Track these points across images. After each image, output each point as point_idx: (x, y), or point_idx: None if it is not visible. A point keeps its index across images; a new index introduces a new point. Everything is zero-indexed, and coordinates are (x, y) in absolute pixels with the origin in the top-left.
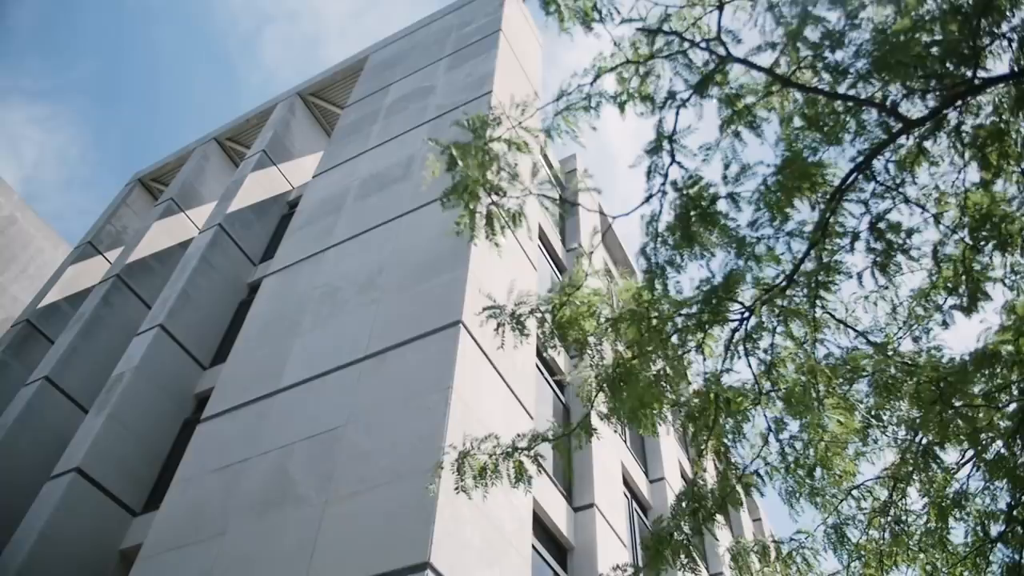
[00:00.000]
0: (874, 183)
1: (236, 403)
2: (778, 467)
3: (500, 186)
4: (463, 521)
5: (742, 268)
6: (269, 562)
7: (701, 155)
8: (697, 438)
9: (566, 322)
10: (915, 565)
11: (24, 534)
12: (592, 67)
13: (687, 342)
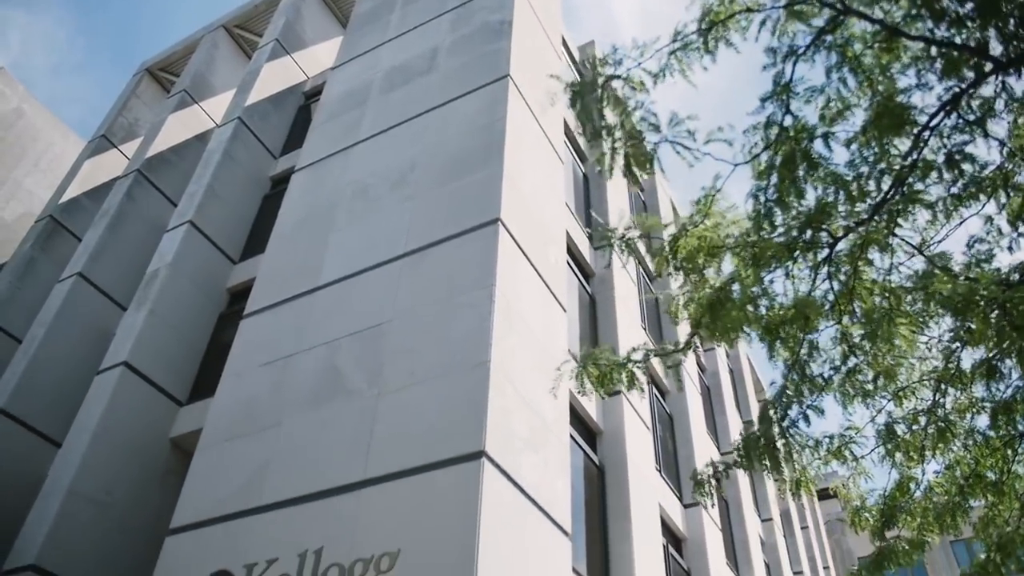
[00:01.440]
0: (956, 119)
1: (278, 299)
2: (843, 376)
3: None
4: (510, 412)
5: (833, 201)
6: (327, 451)
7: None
8: (774, 350)
9: (684, 256)
10: (949, 456)
11: (81, 426)
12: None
13: (779, 268)
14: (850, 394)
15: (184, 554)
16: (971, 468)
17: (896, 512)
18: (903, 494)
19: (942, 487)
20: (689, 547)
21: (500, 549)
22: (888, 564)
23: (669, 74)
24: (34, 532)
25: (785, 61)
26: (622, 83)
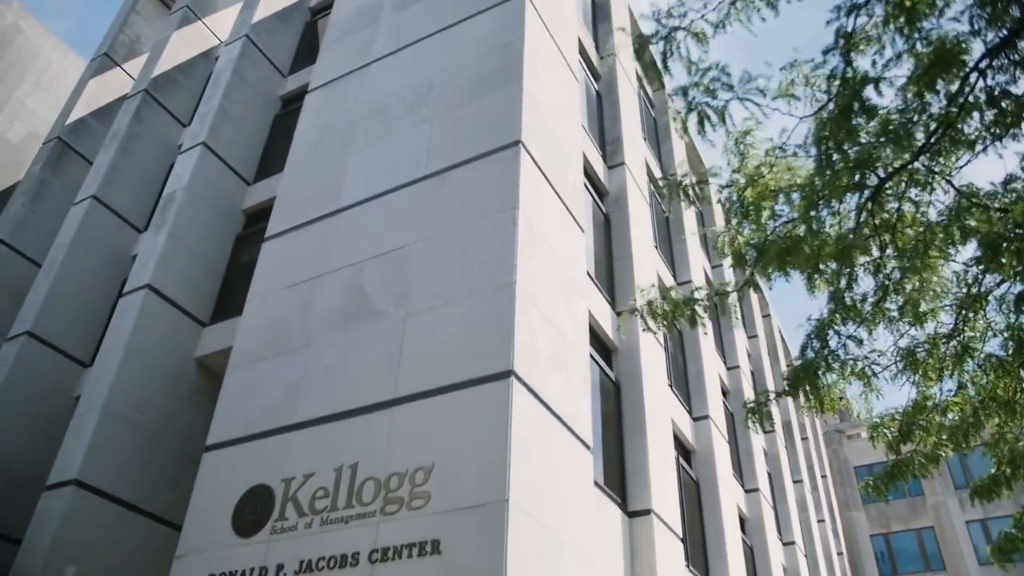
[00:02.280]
0: (1004, 59)
1: (299, 222)
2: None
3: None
4: (535, 332)
5: (882, 144)
6: (357, 371)
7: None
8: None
9: (749, 202)
10: (964, 377)
11: (110, 347)
12: None
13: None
14: (876, 321)
15: (222, 469)
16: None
17: (914, 428)
18: (920, 412)
19: (957, 406)
20: (698, 458)
21: (529, 463)
22: (903, 475)
23: (729, 24)
24: (74, 449)
25: (848, 15)
26: (685, 34)
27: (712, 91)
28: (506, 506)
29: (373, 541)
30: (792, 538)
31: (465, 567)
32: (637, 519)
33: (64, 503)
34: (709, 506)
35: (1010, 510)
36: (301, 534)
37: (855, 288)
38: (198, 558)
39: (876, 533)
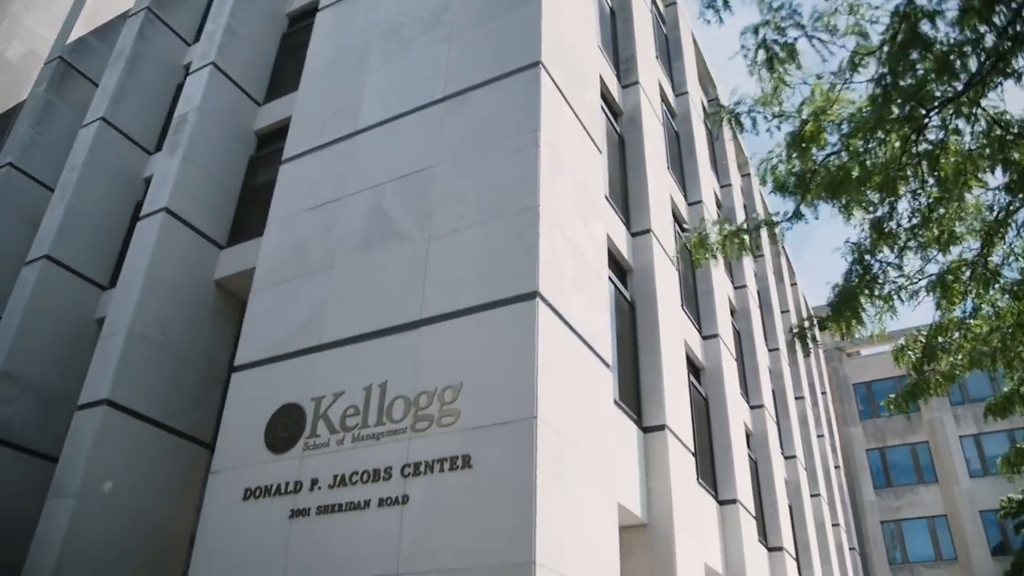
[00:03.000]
0: None
1: (317, 144)
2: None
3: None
4: (558, 254)
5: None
6: (383, 292)
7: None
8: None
9: (809, 135)
10: (987, 301)
11: (132, 270)
12: None
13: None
14: (910, 247)
15: (251, 389)
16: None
17: (936, 350)
18: (942, 334)
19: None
20: (707, 375)
21: (554, 381)
22: (923, 394)
23: None
24: (102, 370)
25: None
26: None
27: (782, 29)
28: (535, 422)
29: (405, 456)
30: (793, 452)
31: (496, 480)
32: (652, 434)
33: (96, 422)
34: (717, 422)
35: (1002, 426)
36: (333, 450)
37: (894, 216)
38: (233, 473)
39: (872, 447)
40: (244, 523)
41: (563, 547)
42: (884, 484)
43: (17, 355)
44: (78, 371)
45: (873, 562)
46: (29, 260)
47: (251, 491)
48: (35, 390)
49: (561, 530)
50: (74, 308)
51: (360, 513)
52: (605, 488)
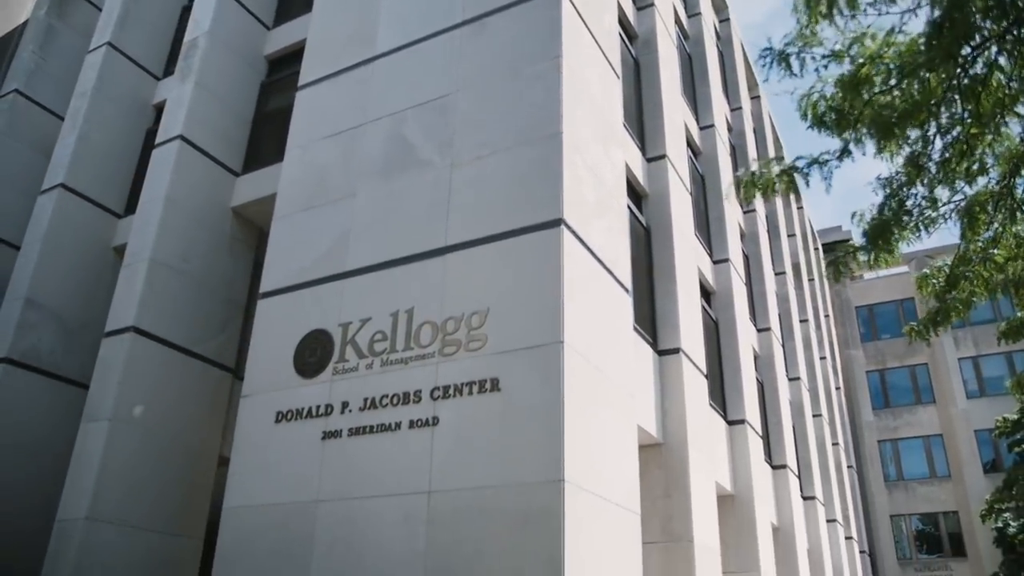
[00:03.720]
0: None
1: (333, 70)
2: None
3: None
4: (581, 181)
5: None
6: (406, 219)
7: None
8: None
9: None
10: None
11: (150, 198)
12: None
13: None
14: (941, 181)
15: (278, 316)
16: None
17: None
18: (965, 263)
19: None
20: (717, 299)
21: (578, 307)
22: (944, 321)
23: None
24: (127, 298)
25: None
26: None
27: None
28: (561, 347)
29: (434, 380)
30: (797, 374)
31: (524, 402)
32: (667, 357)
33: (124, 349)
34: (727, 345)
35: (1001, 349)
36: (363, 375)
37: (929, 150)
38: (264, 397)
39: (872, 369)
40: (277, 444)
41: (589, 466)
42: (883, 405)
43: (39, 283)
44: (98, 299)
45: (869, 479)
46: (44, 189)
47: (283, 414)
48: (58, 318)
49: (587, 450)
50: (91, 236)
51: (391, 434)
52: (626, 410)
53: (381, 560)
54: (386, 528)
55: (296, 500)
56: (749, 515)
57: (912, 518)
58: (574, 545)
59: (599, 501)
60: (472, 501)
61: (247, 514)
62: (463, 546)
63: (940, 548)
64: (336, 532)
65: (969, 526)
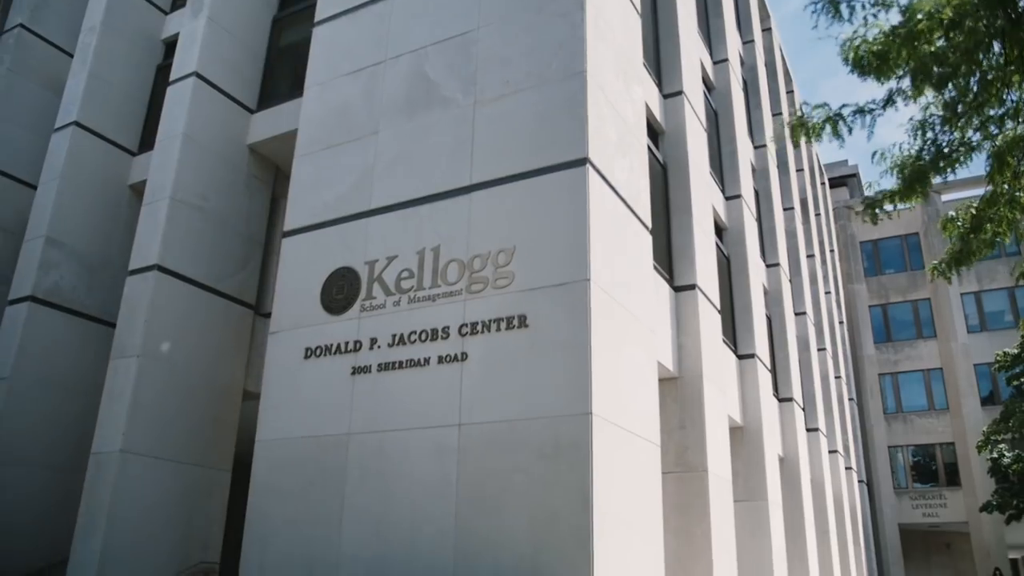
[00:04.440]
0: None
1: (352, 5)
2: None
3: None
4: (604, 120)
5: None
6: (430, 158)
7: None
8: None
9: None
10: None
11: (166, 137)
12: None
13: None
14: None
15: (303, 254)
16: None
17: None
18: (991, 206)
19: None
20: (729, 235)
21: (603, 245)
22: (967, 260)
23: None
24: (150, 236)
25: None
26: None
27: None
28: (588, 285)
29: (462, 316)
30: (803, 309)
31: (552, 338)
32: (683, 293)
33: (149, 287)
34: (738, 281)
35: (1002, 284)
36: (390, 311)
37: (968, 95)
38: (292, 334)
39: (875, 304)
40: (307, 380)
41: (614, 399)
42: (884, 339)
43: (59, 222)
44: (116, 237)
45: (869, 411)
46: (58, 127)
47: (311, 350)
48: (78, 256)
49: (612, 384)
50: (107, 174)
51: (420, 370)
52: (647, 345)
53: (413, 489)
54: (418, 459)
55: (328, 433)
56: (758, 447)
57: (909, 449)
58: (601, 475)
59: (623, 433)
60: (502, 433)
61: (280, 446)
62: (493, 476)
63: (935, 478)
64: (368, 463)
65: (965, 457)
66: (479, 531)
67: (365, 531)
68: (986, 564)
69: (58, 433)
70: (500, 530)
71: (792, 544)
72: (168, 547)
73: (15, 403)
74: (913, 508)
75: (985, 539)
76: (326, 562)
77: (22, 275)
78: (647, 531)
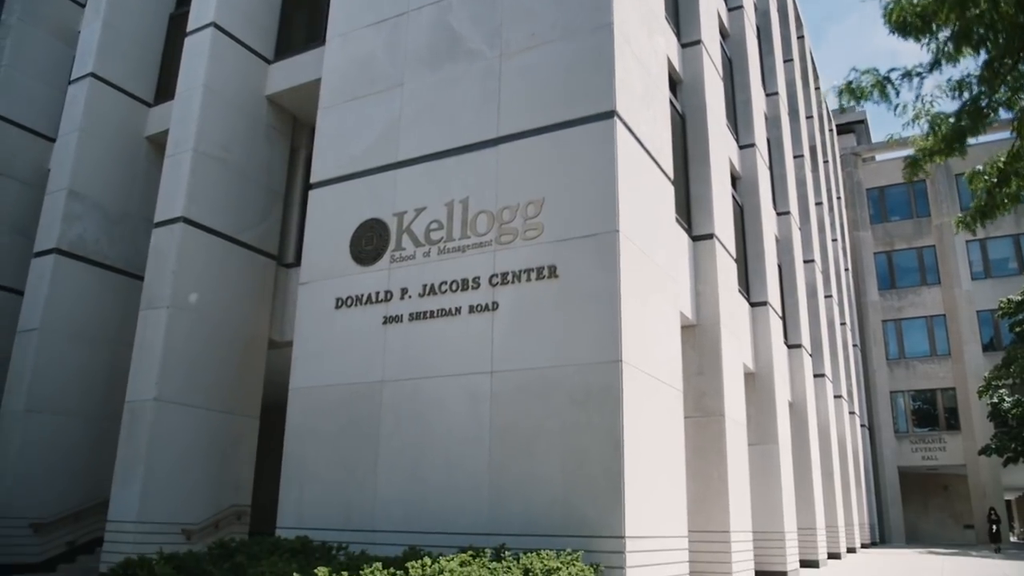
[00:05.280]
0: None
1: None
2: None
3: None
4: (629, 71)
5: None
6: (456, 110)
7: None
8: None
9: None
10: None
11: (187, 89)
12: None
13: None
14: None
15: (331, 206)
16: None
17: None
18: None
19: None
20: (742, 184)
21: (630, 196)
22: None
23: None
24: (174, 189)
25: None
26: None
27: None
28: (617, 236)
29: (491, 267)
30: (812, 256)
31: (582, 288)
32: (701, 243)
33: (176, 239)
34: (751, 229)
35: (1008, 231)
36: (420, 262)
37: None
38: (323, 284)
39: (880, 251)
40: (339, 329)
41: (642, 347)
42: (888, 286)
43: (80, 174)
44: (135, 188)
45: (872, 357)
46: (74, 78)
47: (342, 300)
48: (100, 208)
49: (640, 332)
50: (124, 126)
51: (451, 319)
52: (670, 294)
53: (448, 433)
54: (452, 405)
55: (361, 381)
56: (769, 392)
57: (910, 394)
58: (630, 420)
59: (650, 380)
60: (533, 380)
61: (314, 394)
62: (526, 420)
63: (935, 422)
64: (402, 409)
65: (965, 401)
66: (512, 473)
67: (401, 474)
68: (982, 505)
69: (88, 383)
70: (533, 472)
71: (799, 485)
72: (202, 491)
73: (46, 354)
74: (913, 451)
75: (982, 481)
76: (363, 503)
77: (46, 228)
78: (672, 473)
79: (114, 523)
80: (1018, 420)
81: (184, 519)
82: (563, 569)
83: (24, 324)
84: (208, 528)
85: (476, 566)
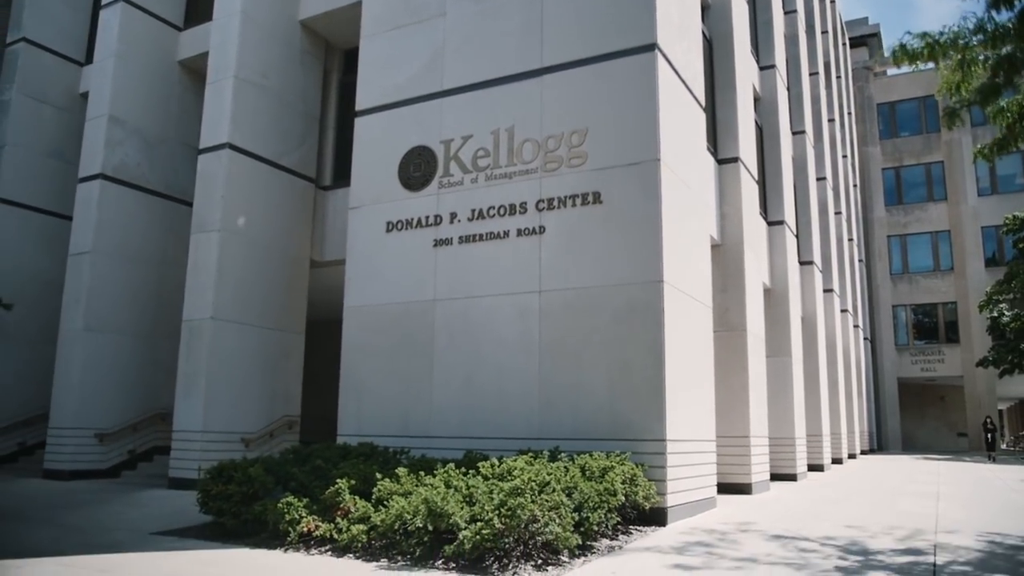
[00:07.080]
0: None
1: None
2: None
3: None
4: (668, 4)
5: None
6: (499, 40)
7: None
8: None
9: None
10: None
11: (224, 15)
12: None
13: None
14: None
15: (377, 133)
16: None
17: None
18: None
19: None
20: (762, 105)
21: (668, 125)
22: (1013, 143)
23: None
24: (218, 115)
25: None
26: None
27: None
28: (659, 164)
29: (538, 193)
30: (824, 174)
31: (625, 213)
32: (726, 166)
33: (223, 164)
34: (770, 150)
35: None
36: (468, 188)
37: None
38: (373, 209)
39: (888, 167)
40: (390, 251)
41: (679, 268)
42: (895, 201)
43: (118, 100)
44: (171, 113)
45: (876, 272)
46: (106, 3)
47: (393, 224)
48: (139, 133)
49: (678, 254)
50: (158, 51)
51: (500, 242)
52: (703, 217)
53: (499, 347)
54: (502, 321)
55: (415, 300)
56: (784, 308)
57: (912, 308)
58: (670, 334)
59: (685, 297)
60: (579, 298)
61: (368, 312)
62: (572, 335)
63: (935, 335)
64: (455, 325)
65: (965, 315)
66: (561, 383)
67: (455, 385)
68: (977, 414)
69: (138, 302)
70: (580, 381)
71: (808, 396)
72: (257, 402)
73: (99, 275)
74: (912, 363)
75: (978, 392)
76: (419, 412)
77: (89, 153)
78: (703, 382)
79: (180, 432)
80: (1016, 333)
81: (242, 428)
82: (616, 468)
83: (76, 247)
84: (263, 436)
85: (539, 464)
